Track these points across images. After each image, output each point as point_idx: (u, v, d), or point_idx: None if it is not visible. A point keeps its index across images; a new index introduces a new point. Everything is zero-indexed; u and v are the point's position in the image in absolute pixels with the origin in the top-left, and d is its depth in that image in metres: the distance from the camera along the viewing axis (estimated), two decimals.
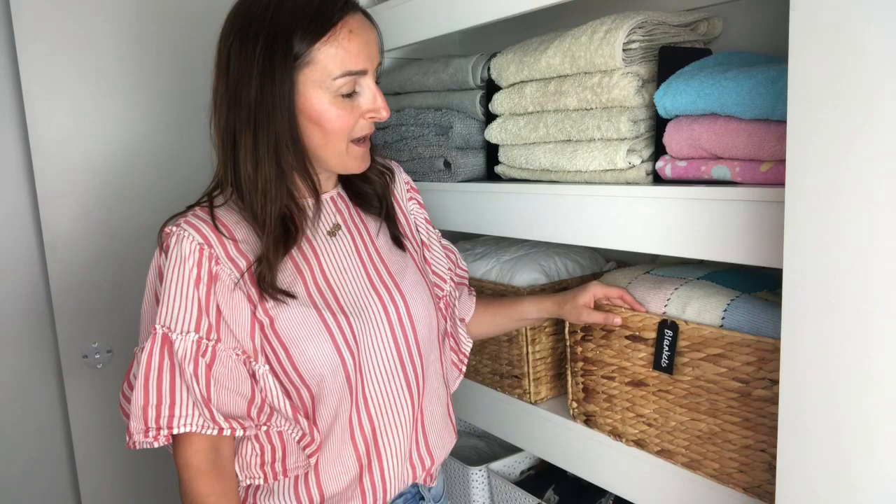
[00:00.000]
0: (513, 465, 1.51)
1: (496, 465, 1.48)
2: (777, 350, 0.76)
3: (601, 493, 1.35)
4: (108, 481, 1.64)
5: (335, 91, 0.88)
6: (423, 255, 1.13)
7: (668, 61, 1.00)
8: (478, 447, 1.72)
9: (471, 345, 1.20)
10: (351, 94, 0.89)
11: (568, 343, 1.16)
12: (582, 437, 1.17)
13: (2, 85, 1.52)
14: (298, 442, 0.93)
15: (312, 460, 0.93)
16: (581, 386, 1.15)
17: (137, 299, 1.62)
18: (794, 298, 0.72)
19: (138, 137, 1.60)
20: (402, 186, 1.15)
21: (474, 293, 1.24)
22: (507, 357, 1.31)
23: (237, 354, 0.88)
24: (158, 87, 1.61)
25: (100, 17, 1.52)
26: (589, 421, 1.16)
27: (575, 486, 1.39)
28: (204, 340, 0.86)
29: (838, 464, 0.70)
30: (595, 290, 1.09)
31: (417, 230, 1.14)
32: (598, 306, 1.09)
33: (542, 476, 1.47)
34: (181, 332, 0.86)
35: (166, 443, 0.87)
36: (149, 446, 0.87)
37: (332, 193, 1.03)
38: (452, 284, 1.17)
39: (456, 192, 1.34)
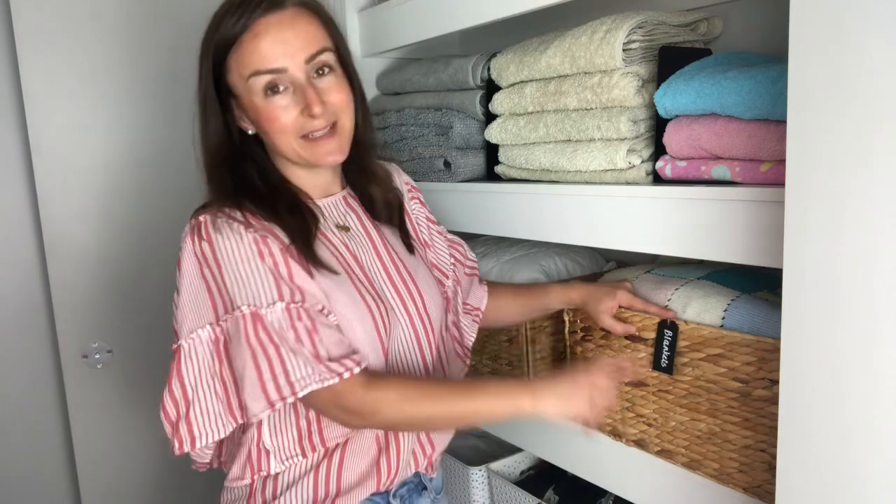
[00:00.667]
0: (513, 465, 1.51)
1: (496, 465, 1.48)
2: (777, 350, 0.76)
3: (601, 493, 1.35)
4: (108, 481, 1.64)
5: (258, 91, 0.91)
6: (425, 256, 1.14)
7: (668, 61, 1.00)
8: (478, 447, 1.72)
9: (474, 337, 1.19)
10: (278, 91, 0.91)
11: (568, 343, 1.16)
12: (582, 437, 1.17)
13: (2, 85, 1.52)
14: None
15: (347, 430, 0.94)
16: None
17: (138, 299, 1.62)
18: (794, 298, 0.72)
19: (138, 137, 1.59)
20: (403, 188, 1.15)
21: (486, 283, 1.23)
22: (507, 357, 1.31)
23: (323, 310, 0.89)
24: (159, 87, 1.61)
25: (100, 17, 1.52)
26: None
27: (575, 486, 1.39)
28: (292, 305, 0.87)
29: (838, 464, 0.70)
30: (622, 299, 1.06)
31: (420, 229, 1.15)
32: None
33: (542, 476, 1.47)
34: (268, 305, 0.86)
35: (349, 378, 0.86)
36: (217, 437, 0.89)
37: (342, 194, 1.05)
38: (455, 278, 1.17)
39: (456, 192, 1.34)
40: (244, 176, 0.97)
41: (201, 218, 0.91)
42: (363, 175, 1.07)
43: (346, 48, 1.00)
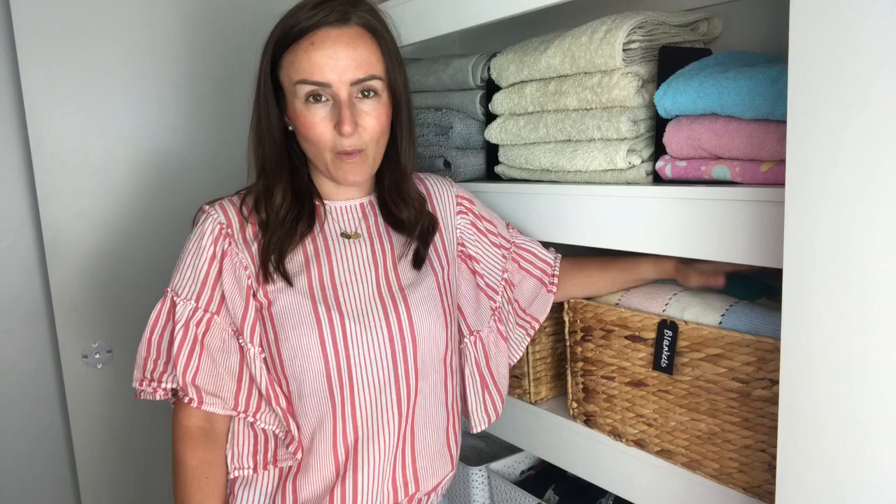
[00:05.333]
0: (513, 465, 1.51)
1: (496, 465, 1.48)
2: (777, 350, 0.76)
3: (601, 493, 1.35)
4: (108, 481, 1.64)
5: (301, 96, 0.94)
6: (473, 269, 1.12)
7: (668, 61, 1.00)
8: (478, 447, 1.72)
9: (520, 354, 1.17)
10: (319, 101, 0.94)
11: (568, 343, 1.16)
12: (582, 437, 1.17)
13: (2, 85, 1.52)
14: (283, 440, 0.96)
15: (298, 456, 0.95)
16: (581, 386, 1.15)
17: (138, 299, 1.62)
18: (794, 298, 0.72)
19: (138, 137, 1.59)
20: (452, 201, 1.13)
21: (553, 287, 1.17)
22: None
23: (232, 330, 0.96)
24: (159, 87, 1.61)
25: (100, 17, 1.52)
26: (589, 421, 1.16)
27: (575, 486, 1.39)
28: (200, 311, 0.94)
29: (838, 464, 0.70)
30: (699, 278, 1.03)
31: (462, 245, 1.13)
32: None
33: (542, 476, 1.47)
34: (184, 299, 0.94)
35: (164, 396, 0.96)
36: (150, 397, 0.96)
37: (362, 200, 1.06)
38: (506, 296, 1.15)
39: None
40: (283, 169, 1.01)
41: (202, 208, 1.00)
42: (396, 195, 1.06)
43: (400, 76, 1.01)
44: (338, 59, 0.92)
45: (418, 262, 1.03)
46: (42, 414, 1.63)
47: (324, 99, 0.93)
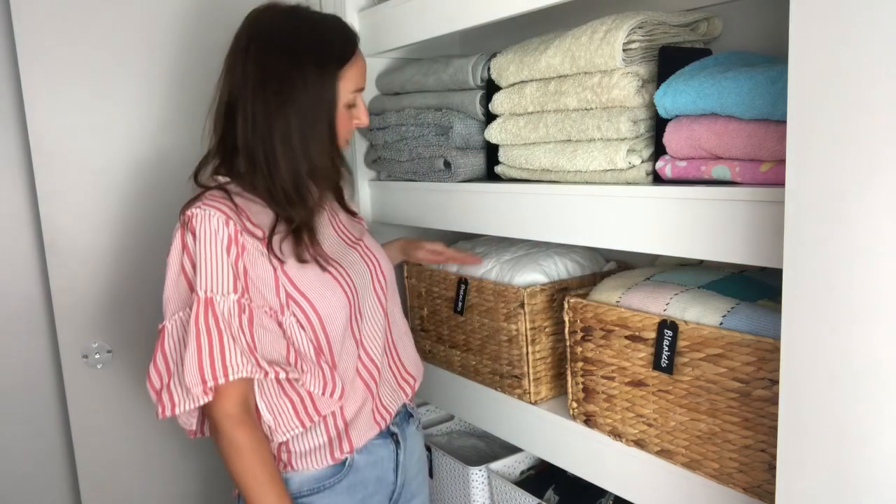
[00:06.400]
0: (513, 465, 1.51)
1: (496, 465, 1.48)
2: (777, 350, 0.76)
3: (601, 493, 1.35)
4: (108, 481, 1.64)
5: (347, 102, 1.11)
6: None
7: (668, 61, 1.00)
8: (478, 447, 1.72)
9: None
10: (352, 105, 1.12)
11: (568, 343, 1.17)
12: (582, 437, 1.17)
13: (2, 85, 1.52)
14: (322, 394, 1.06)
15: (340, 401, 1.09)
16: (581, 386, 1.15)
17: (138, 299, 1.62)
18: (794, 298, 0.72)
19: (138, 137, 1.59)
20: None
21: None
22: (507, 357, 1.31)
23: (267, 311, 1.03)
24: (159, 86, 1.60)
25: (100, 16, 1.52)
26: (589, 421, 1.16)
27: (575, 486, 1.39)
28: (242, 300, 1.00)
29: (838, 464, 0.70)
30: (426, 252, 1.42)
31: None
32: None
33: (542, 476, 1.47)
34: (223, 294, 0.98)
35: (206, 398, 0.97)
36: (192, 405, 0.98)
37: None
38: None
39: (456, 192, 1.34)
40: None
41: (189, 213, 1.01)
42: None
43: None
44: (365, 69, 1.15)
45: (349, 211, 1.26)
46: (42, 414, 1.63)
47: (356, 103, 1.14)
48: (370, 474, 1.14)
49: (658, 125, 0.99)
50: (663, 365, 1.00)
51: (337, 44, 1.09)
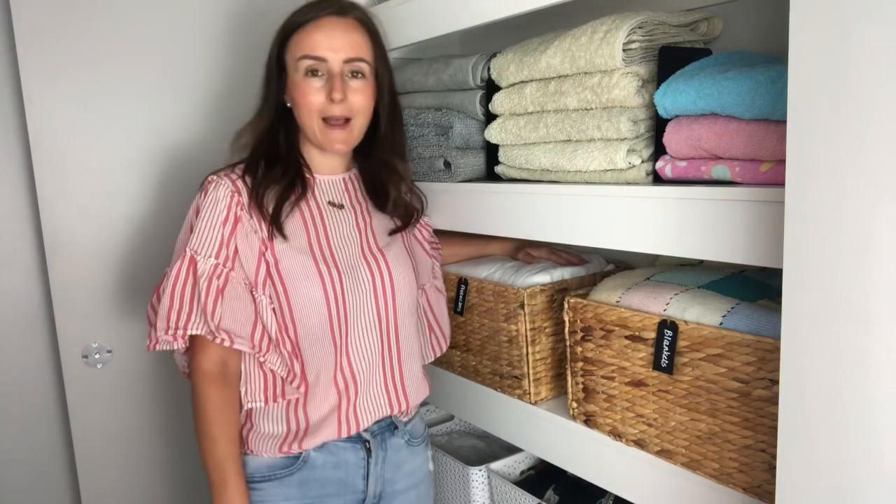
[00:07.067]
0: (513, 465, 1.51)
1: (496, 465, 1.48)
2: (777, 350, 0.76)
3: (601, 493, 1.35)
4: (108, 481, 1.64)
5: (301, 70, 1.12)
6: (420, 237, 1.37)
7: (668, 61, 1.00)
8: (478, 447, 1.72)
9: (449, 328, 1.40)
10: (316, 75, 1.12)
11: (568, 343, 1.16)
12: (582, 437, 1.17)
13: (2, 85, 1.52)
14: (285, 379, 1.11)
15: (301, 391, 1.13)
16: (581, 386, 1.15)
17: (138, 299, 1.62)
18: (794, 298, 0.72)
19: (138, 137, 1.59)
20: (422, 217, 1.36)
21: (439, 252, 1.43)
22: (507, 357, 1.31)
23: (245, 283, 1.10)
24: (159, 86, 1.60)
25: (101, 16, 1.52)
26: (589, 421, 1.16)
27: (575, 486, 1.39)
28: (220, 266, 1.08)
29: (838, 464, 0.70)
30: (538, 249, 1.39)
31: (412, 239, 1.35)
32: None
33: (542, 476, 1.47)
34: (204, 256, 1.08)
35: (183, 344, 1.07)
36: (168, 346, 1.07)
37: (343, 176, 1.25)
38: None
39: (456, 192, 1.34)
40: (275, 141, 1.19)
41: (209, 178, 1.13)
42: (383, 168, 1.25)
43: (385, 67, 1.21)
44: (334, 39, 1.12)
45: (393, 232, 1.25)
46: (42, 414, 1.63)
47: (320, 74, 1.13)
48: (330, 474, 1.16)
49: (658, 125, 0.99)
50: (663, 365, 1.00)
51: (299, 14, 1.15)
